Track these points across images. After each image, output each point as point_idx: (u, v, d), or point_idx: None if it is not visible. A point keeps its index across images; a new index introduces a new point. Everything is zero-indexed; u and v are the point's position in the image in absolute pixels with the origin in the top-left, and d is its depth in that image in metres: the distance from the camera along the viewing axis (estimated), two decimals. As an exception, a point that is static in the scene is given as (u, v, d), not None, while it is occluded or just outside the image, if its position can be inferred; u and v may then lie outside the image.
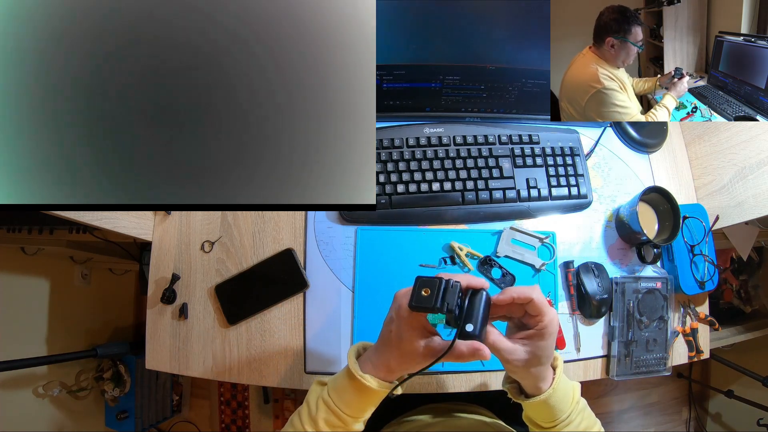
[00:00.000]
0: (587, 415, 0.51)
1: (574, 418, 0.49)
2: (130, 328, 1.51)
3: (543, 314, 0.41)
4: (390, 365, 0.45)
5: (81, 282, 1.32)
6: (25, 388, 1.15)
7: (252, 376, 0.65)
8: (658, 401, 1.68)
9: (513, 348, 0.41)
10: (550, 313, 0.41)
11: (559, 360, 0.48)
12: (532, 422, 0.51)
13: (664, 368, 0.70)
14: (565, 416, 0.48)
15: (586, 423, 0.50)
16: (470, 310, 0.40)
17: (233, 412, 1.51)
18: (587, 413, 0.51)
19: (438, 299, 0.38)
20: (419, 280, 0.40)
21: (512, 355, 0.41)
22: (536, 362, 0.42)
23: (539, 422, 0.50)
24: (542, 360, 0.42)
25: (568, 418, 0.48)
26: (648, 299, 0.69)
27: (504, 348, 0.41)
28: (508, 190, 0.70)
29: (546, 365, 0.44)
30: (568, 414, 0.48)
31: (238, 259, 0.68)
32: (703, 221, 0.72)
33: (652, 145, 0.79)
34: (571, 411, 0.48)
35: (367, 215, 0.68)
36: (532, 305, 0.41)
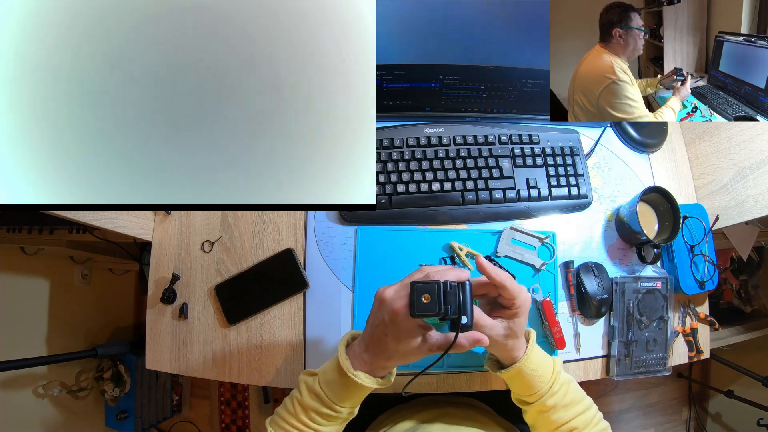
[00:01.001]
0: (573, 389, 0.52)
1: (557, 390, 0.50)
2: (130, 328, 1.51)
3: (516, 297, 0.46)
4: (385, 365, 0.47)
5: (81, 282, 1.32)
6: (25, 388, 1.15)
7: (252, 376, 0.65)
8: (658, 401, 1.68)
9: (493, 324, 0.46)
10: (522, 294, 0.46)
11: (532, 333, 0.52)
12: (520, 401, 0.53)
13: (664, 368, 0.70)
14: (546, 386, 0.50)
15: (572, 396, 0.51)
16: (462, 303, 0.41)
17: (233, 412, 1.51)
18: (573, 387, 0.52)
19: (442, 304, 0.39)
20: (415, 286, 0.40)
21: (492, 330, 0.46)
22: (512, 336, 0.47)
23: (524, 397, 0.52)
24: (517, 333, 0.47)
25: (550, 389, 0.50)
26: (648, 299, 0.69)
27: (485, 324, 0.45)
28: (508, 190, 0.70)
29: (520, 338, 0.49)
30: (550, 385, 0.50)
31: (238, 259, 0.68)
32: (703, 221, 0.72)
33: (652, 145, 0.79)
34: (552, 382, 0.50)
35: (367, 215, 0.68)
36: (506, 291, 0.45)
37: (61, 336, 1.25)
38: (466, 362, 0.65)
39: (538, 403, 0.50)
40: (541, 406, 0.50)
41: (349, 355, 0.48)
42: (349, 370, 0.46)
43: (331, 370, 0.48)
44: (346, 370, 0.46)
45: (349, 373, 0.45)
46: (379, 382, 0.47)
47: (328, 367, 0.49)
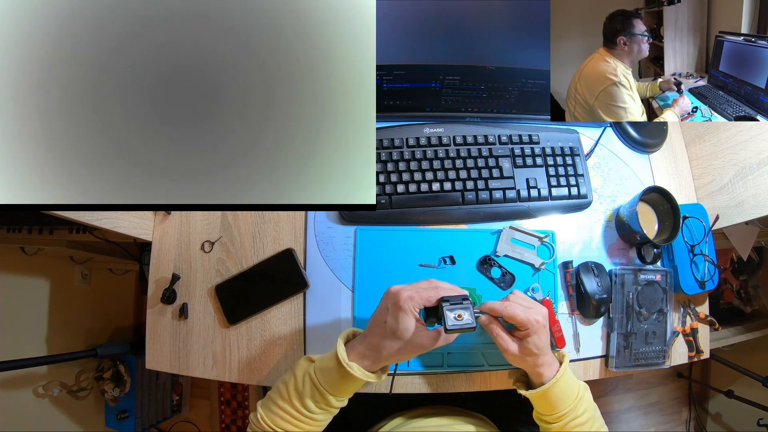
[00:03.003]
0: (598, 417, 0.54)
1: (580, 414, 0.52)
2: (130, 328, 1.51)
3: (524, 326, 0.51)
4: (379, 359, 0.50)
5: (81, 282, 1.32)
6: (25, 388, 1.15)
7: (252, 376, 0.65)
8: (658, 401, 1.68)
9: (509, 341, 0.52)
10: (530, 320, 0.51)
11: (566, 357, 0.55)
12: (541, 419, 0.56)
13: (663, 361, 0.70)
14: (568, 409, 0.52)
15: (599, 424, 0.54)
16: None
17: (233, 412, 1.51)
18: (598, 415, 0.55)
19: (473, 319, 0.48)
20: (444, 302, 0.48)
21: (508, 346, 0.52)
22: (528, 353, 0.52)
23: (546, 417, 0.54)
24: (533, 351, 0.52)
25: (573, 412, 0.52)
26: (647, 291, 0.69)
27: (503, 339, 0.52)
28: (508, 190, 0.70)
29: (540, 355, 0.52)
30: (573, 408, 0.52)
31: (238, 259, 0.68)
32: (703, 221, 0.72)
33: (652, 145, 0.79)
34: (575, 406, 0.52)
35: (367, 215, 0.68)
36: (516, 321, 0.51)
37: (61, 336, 1.25)
38: (466, 362, 0.65)
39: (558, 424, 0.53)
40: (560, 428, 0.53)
41: (348, 347, 0.51)
42: (344, 359, 0.49)
43: (328, 358, 0.51)
44: (342, 359, 0.49)
45: (343, 363, 0.48)
46: (370, 377, 0.50)
47: (326, 355, 0.52)
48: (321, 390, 0.50)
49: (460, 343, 0.65)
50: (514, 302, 0.53)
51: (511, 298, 0.55)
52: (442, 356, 0.65)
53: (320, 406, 0.50)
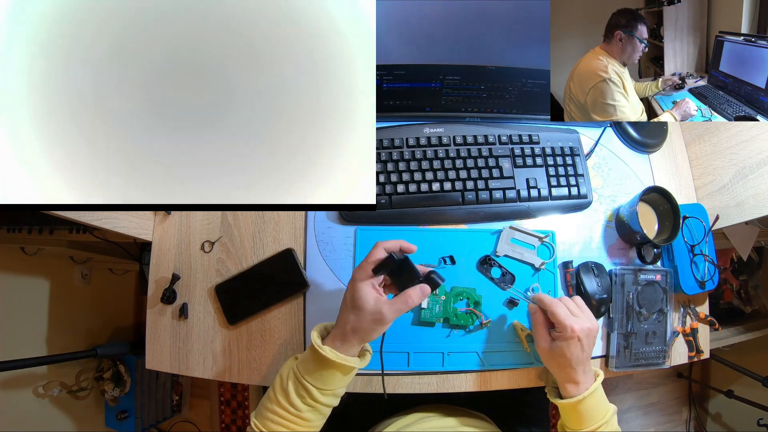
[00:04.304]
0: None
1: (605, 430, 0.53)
2: (130, 328, 1.51)
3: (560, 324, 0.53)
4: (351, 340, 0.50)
5: (81, 282, 1.32)
6: (25, 388, 1.15)
7: (252, 376, 0.65)
8: (658, 401, 1.68)
9: (542, 335, 0.56)
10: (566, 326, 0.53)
11: (600, 376, 0.56)
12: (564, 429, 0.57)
13: (664, 361, 0.70)
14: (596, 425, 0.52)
15: None
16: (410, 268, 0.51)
17: (233, 412, 1.51)
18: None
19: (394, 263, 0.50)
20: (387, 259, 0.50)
21: (539, 339, 0.56)
22: (557, 355, 0.54)
23: (570, 427, 0.55)
24: (560, 356, 0.53)
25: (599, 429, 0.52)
26: (647, 291, 0.69)
27: (538, 331, 0.56)
28: (508, 190, 0.70)
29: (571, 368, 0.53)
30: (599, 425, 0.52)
31: (238, 259, 0.68)
32: (703, 221, 0.72)
33: (652, 145, 0.79)
34: (602, 423, 0.53)
35: (367, 215, 0.68)
36: (554, 317, 0.54)
37: (61, 336, 1.25)
38: (466, 362, 0.65)
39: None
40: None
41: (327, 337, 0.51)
42: (317, 343, 0.49)
43: (307, 349, 0.51)
44: (315, 343, 0.49)
45: (315, 345, 0.49)
46: (345, 359, 0.49)
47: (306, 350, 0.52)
48: (303, 383, 0.49)
49: (461, 345, 0.65)
50: (565, 303, 0.55)
51: (567, 299, 0.56)
52: (443, 356, 0.65)
53: (306, 401, 0.50)
